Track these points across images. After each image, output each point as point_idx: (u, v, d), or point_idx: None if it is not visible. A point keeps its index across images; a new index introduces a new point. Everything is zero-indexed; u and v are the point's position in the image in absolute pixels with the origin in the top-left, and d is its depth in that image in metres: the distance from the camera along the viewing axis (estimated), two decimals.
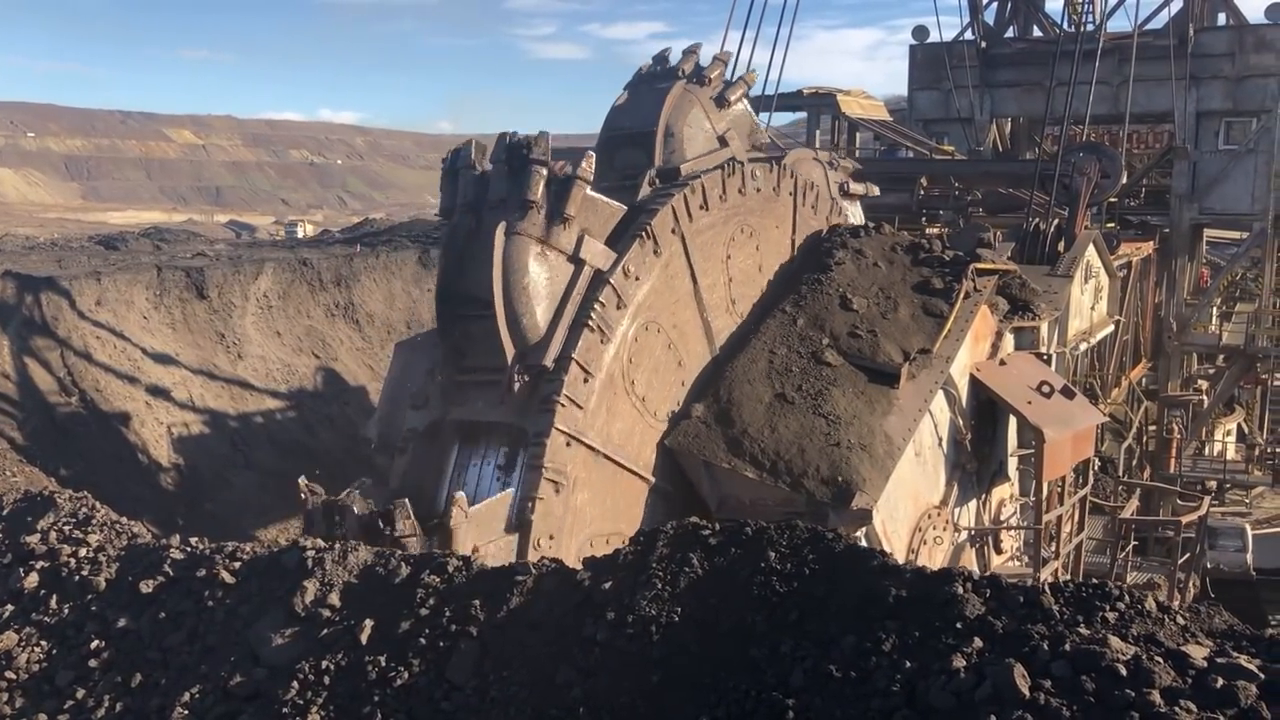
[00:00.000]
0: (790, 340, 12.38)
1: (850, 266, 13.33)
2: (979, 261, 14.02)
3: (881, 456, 11.49)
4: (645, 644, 6.89)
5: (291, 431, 31.76)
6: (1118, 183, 23.70)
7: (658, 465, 11.60)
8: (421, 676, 7.14)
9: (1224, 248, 33.45)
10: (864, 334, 12.54)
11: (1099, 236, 19.69)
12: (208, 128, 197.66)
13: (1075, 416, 14.18)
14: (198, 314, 32.26)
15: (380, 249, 44.28)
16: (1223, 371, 29.67)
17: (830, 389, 11.88)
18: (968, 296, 13.38)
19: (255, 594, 7.92)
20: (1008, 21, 31.23)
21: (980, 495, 14.04)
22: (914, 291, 13.31)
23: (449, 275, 10.76)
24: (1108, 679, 5.71)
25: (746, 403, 11.70)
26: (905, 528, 12.25)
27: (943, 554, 12.82)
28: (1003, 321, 14.31)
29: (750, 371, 12.03)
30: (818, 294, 12.91)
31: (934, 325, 12.88)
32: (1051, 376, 14.33)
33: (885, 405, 11.95)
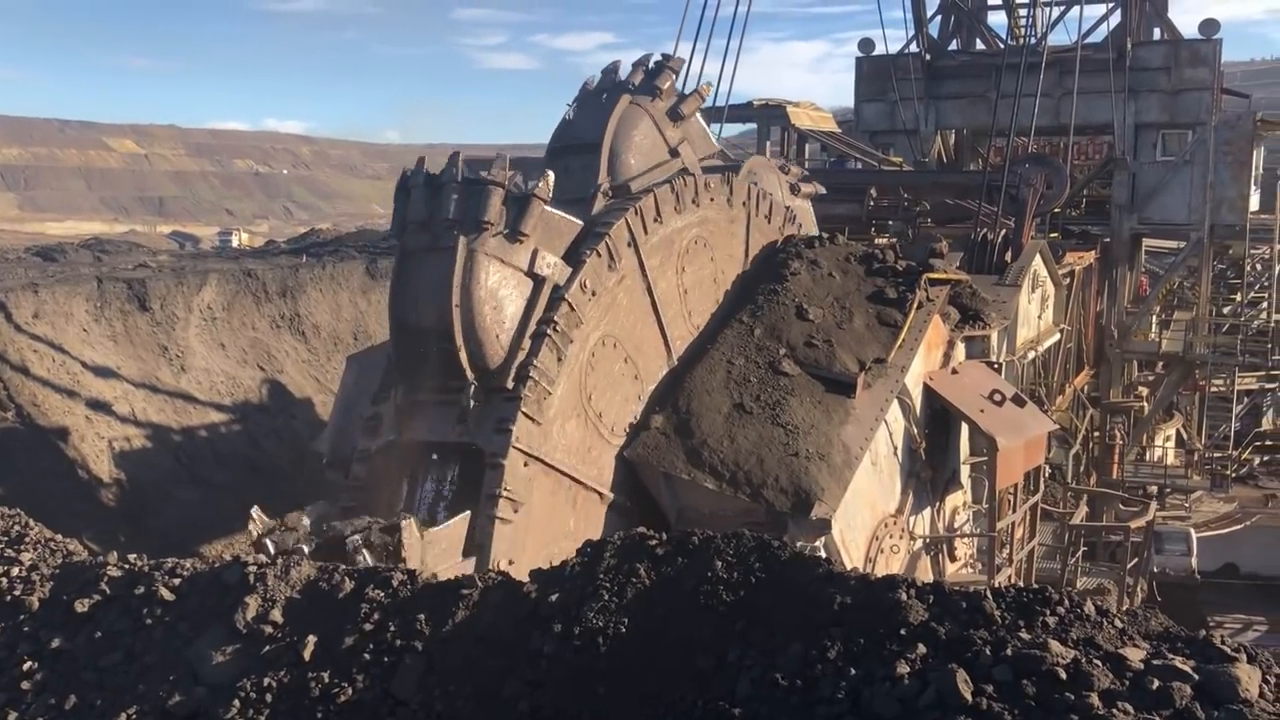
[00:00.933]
0: (748, 350, 12.44)
1: (806, 277, 13.43)
2: (932, 271, 14.20)
3: (839, 466, 11.58)
4: (592, 656, 6.87)
5: (236, 445, 31.30)
6: (1063, 193, 24.12)
7: (616, 479, 11.56)
8: (366, 692, 7.06)
9: (1162, 257, 34.14)
10: (820, 344, 12.62)
11: (1045, 247, 20.01)
12: (150, 137, 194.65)
13: (1026, 424, 14.38)
14: (140, 326, 31.71)
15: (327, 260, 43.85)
16: (1162, 378, 30.24)
17: (788, 399, 11.94)
18: (921, 306, 13.53)
19: (195, 611, 7.78)
20: (951, 34, 31.68)
21: (934, 503, 14.19)
22: (868, 301, 13.44)
23: (403, 296, 10.56)
24: (1048, 683, 5.79)
25: (705, 413, 11.73)
26: (863, 536, 12.34)
27: (899, 562, 12.92)
28: (954, 330, 14.48)
29: (709, 382, 12.06)
30: (774, 304, 12.98)
31: (888, 335, 13.03)
32: (1002, 385, 14.52)
33: (842, 415, 12.05)
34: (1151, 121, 27.74)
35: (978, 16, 31.82)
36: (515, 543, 10.34)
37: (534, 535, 10.59)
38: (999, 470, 13.91)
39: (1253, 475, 30.71)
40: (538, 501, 10.62)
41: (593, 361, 11.21)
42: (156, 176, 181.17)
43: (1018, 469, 14.61)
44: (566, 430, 10.94)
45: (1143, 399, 29.41)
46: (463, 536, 10.09)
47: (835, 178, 24.53)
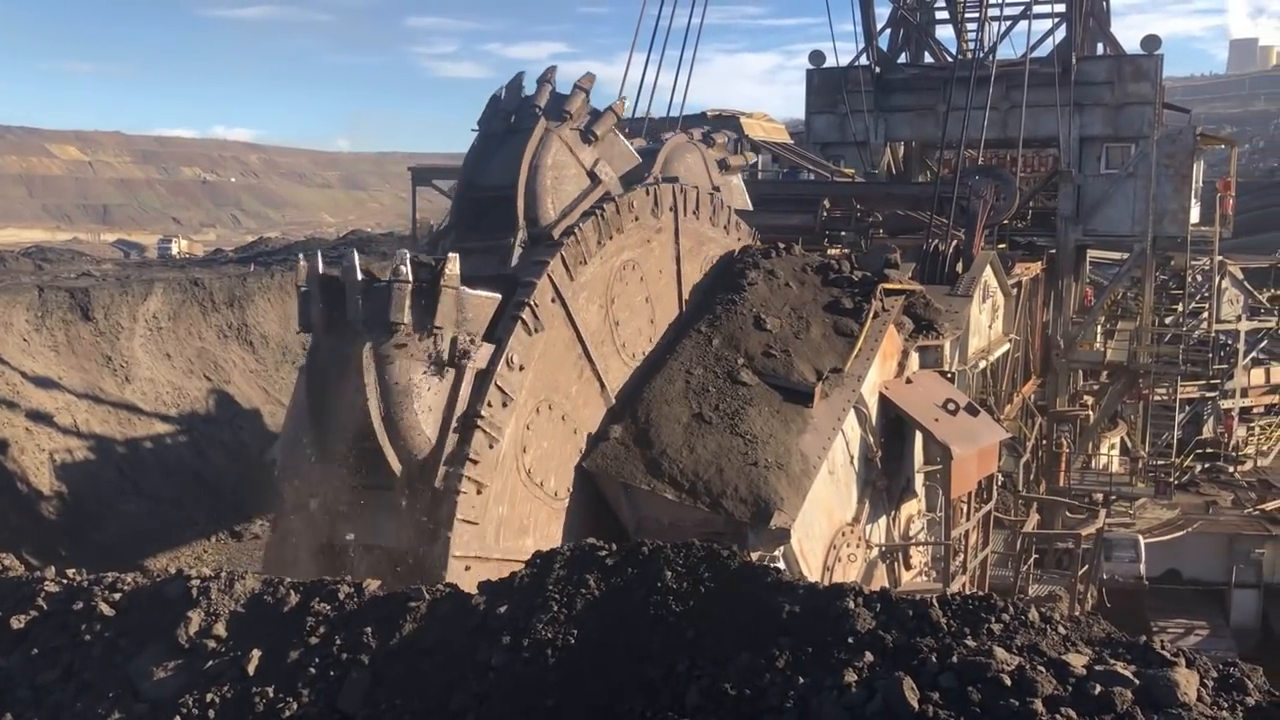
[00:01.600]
0: (706, 360, 12.41)
1: (763, 287, 13.44)
2: (887, 282, 14.26)
3: (798, 475, 11.58)
4: (541, 667, 6.83)
5: (183, 456, 30.82)
6: (1012, 205, 24.46)
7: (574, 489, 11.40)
8: (311, 707, 6.97)
9: (1105, 268, 34.73)
10: (778, 353, 12.62)
11: (995, 258, 20.28)
12: (94, 144, 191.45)
13: (980, 433, 14.54)
14: (83, 336, 31.15)
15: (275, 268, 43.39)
16: (1106, 387, 30.73)
17: (747, 408, 11.92)
18: (877, 316, 13.60)
19: (136, 626, 7.63)
20: (900, 48, 32.06)
21: (890, 511, 14.26)
22: (825, 311, 13.47)
23: (320, 405, 10.13)
24: (993, 689, 5.85)
25: (664, 423, 11.66)
26: (821, 545, 12.37)
27: (856, 570, 12.97)
28: (908, 340, 14.58)
29: (667, 392, 12.00)
30: (732, 314, 12.95)
31: (845, 344, 13.06)
32: (956, 394, 14.67)
33: (800, 424, 12.05)
34: (1096, 135, 28.24)
35: (926, 30, 32.22)
36: None
37: None
38: (954, 479, 14.03)
39: (1194, 482, 31.26)
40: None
41: (529, 434, 10.88)
42: (100, 184, 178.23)
43: (972, 477, 14.76)
44: (507, 514, 10.61)
45: (1088, 408, 29.88)
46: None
47: (788, 189, 24.67)
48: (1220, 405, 35.75)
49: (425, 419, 9.96)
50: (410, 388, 9.86)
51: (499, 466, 10.43)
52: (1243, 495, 30.21)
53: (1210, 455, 33.37)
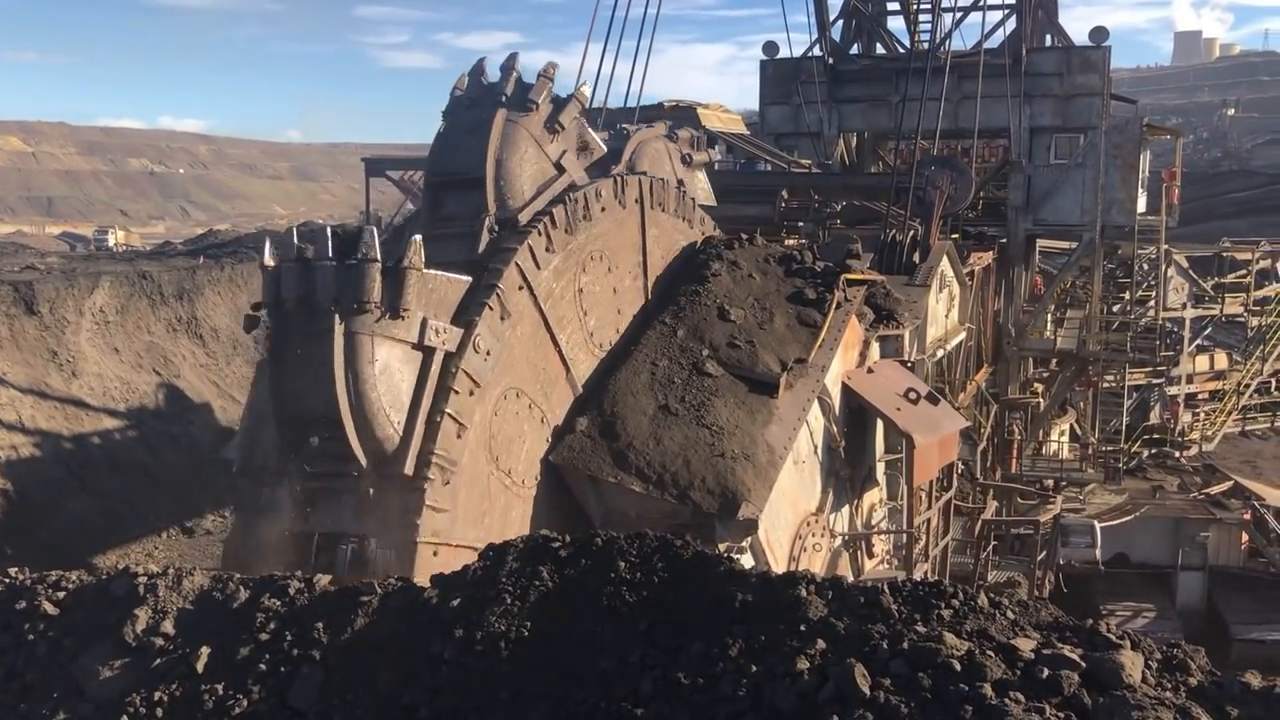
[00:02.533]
0: (671, 352, 12.40)
1: (726, 278, 13.45)
2: (849, 272, 14.33)
3: (764, 466, 11.60)
4: (495, 660, 6.81)
5: (133, 452, 30.35)
6: (968, 195, 24.66)
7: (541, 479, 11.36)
8: (262, 703, 6.90)
9: (1054, 257, 35.19)
10: (742, 344, 12.63)
11: (952, 248, 20.45)
12: (38, 135, 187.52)
13: (940, 422, 14.67)
14: (27, 331, 30.56)
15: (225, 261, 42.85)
16: (1056, 375, 31.17)
17: (712, 400, 11.93)
18: (839, 306, 13.66)
19: (81, 625, 7.52)
20: (852, 39, 32.20)
21: (853, 500, 14.36)
22: (788, 302, 13.51)
23: (285, 385, 9.86)
24: (943, 675, 5.91)
25: (630, 415, 11.63)
26: (786, 535, 12.42)
27: (821, 560, 13.03)
28: (869, 330, 14.67)
29: (633, 383, 11.98)
30: (696, 305, 12.96)
31: (809, 335, 13.11)
32: (917, 383, 14.78)
33: (766, 415, 12.08)
34: (1045, 125, 28.55)
35: (878, 22, 32.37)
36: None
37: None
38: (916, 467, 14.15)
39: (1141, 468, 31.84)
40: None
41: (497, 421, 10.81)
42: (44, 175, 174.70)
43: (934, 465, 14.91)
44: (475, 501, 10.54)
45: (1038, 395, 30.27)
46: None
47: (746, 180, 24.71)
48: (1166, 391, 36.43)
49: (393, 404, 9.84)
50: (378, 370, 9.71)
51: (466, 454, 10.35)
52: (1188, 480, 30.82)
53: (1157, 441, 34.00)
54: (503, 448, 10.93)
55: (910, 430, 13.88)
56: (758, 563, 11.49)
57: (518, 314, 11.05)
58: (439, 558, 9.86)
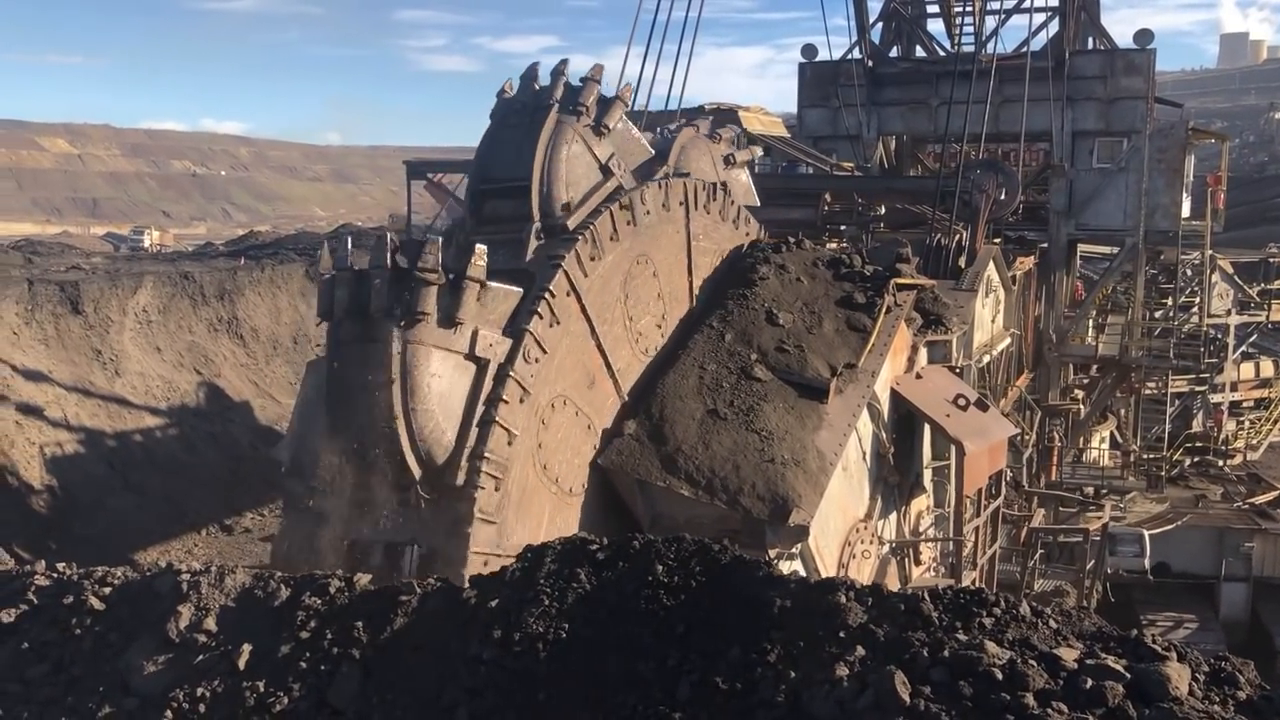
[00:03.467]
0: (719, 355, 12.29)
1: (774, 281, 13.33)
2: (899, 276, 14.16)
3: (815, 472, 11.45)
4: (532, 662, 6.82)
5: (173, 450, 30.74)
6: (1015, 199, 24.39)
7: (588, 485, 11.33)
8: (302, 701, 6.95)
9: (1095, 262, 34.80)
10: (791, 349, 12.50)
11: (998, 252, 20.25)
12: (84, 137, 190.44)
13: (990, 429, 14.50)
14: (72, 330, 31.05)
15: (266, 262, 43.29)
16: (1097, 381, 30.82)
17: (761, 404, 11.81)
18: (889, 311, 13.49)
19: (126, 621, 7.61)
20: (892, 41, 32.03)
21: (901, 507, 14.22)
22: (837, 306, 13.35)
23: (339, 390, 9.97)
24: (984, 683, 5.85)
25: (679, 419, 11.55)
26: (835, 542, 12.30)
27: (870, 567, 12.91)
28: (918, 335, 14.52)
29: (681, 387, 11.88)
30: (744, 309, 12.84)
31: (858, 340, 12.95)
32: (965, 389, 14.62)
33: (816, 420, 11.95)
34: (1088, 129, 28.23)
35: (918, 24, 32.18)
36: None
37: None
38: (966, 475, 14.00)
39: (1184, 476, 31.39)
40: None
41: (545, 430, 10.82)
42: (90, 177, 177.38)
43: (983, 473, 14.75)
44: (524, 511, 10.54)
45: (1078, 402, 29.94)
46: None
47: (788, 183, 24.59)
48: (1210, 399, 35.90)
49: (445, 414, 9.91)
50: (431, 380, 9.78)
51: (516, 463, 10.37)
52: (1232, 489, 30.33)
53: (1200, 449, 33.50)
54: (551, 455, 10.91)
55: (960, 437, 13.71)
56: (807, 569, 11.40)
57: (565, 321, 11.05)
58: (490, 568, 9.80)
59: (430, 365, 9.77)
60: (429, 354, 9.74)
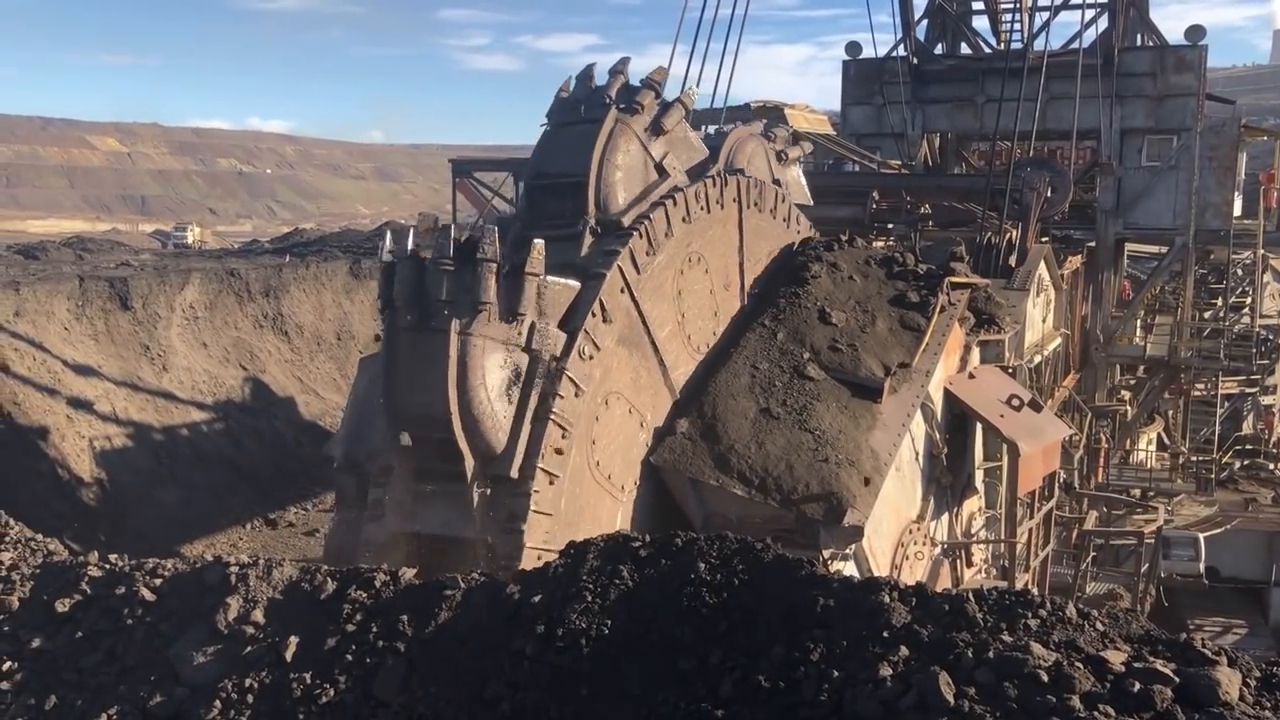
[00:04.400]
0: (771, 354, 12.22)
1: (826, 280, 13.24)
2: (953, 275, 14.04)
3: (869, 472, 11.37)
4: (575, 657, 6.86)
5: (218, 444, 31.17)
6: (1066, 197, 24.09)
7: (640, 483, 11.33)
8: (347, 693, 7.03)
9: (1142, 261, 34.31)
10: (844, 348, 12.42)
11: (1049, 251, 20.01)
12: (133, 135, 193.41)
13: (1044, 429, 14.32)
14: (121, 325, 31.57)
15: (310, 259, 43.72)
16: (1144, 382, 30.39)
17: (814, 404, 11.73)
18: (943, 310, 13.37)
19: (176, 611, 7.74)
20: (936, 38, 31.76)
21: (953, 509, 14.09)
22: (890, 305, 13.25)
23: (397, 379, 10.00)
24: (1030, 685, 5.80)
25: (731, 418, 11.49)
26: (889, 543, 12.21)
27: (923, 568, 12.81)
28: (970, 335, 14.37)
29: (733, 386, 11.82)
30: (796, 307, 12.76)
31: (912, 339, 12.83)
32: (1019, 389, 14.45)
33: (869, 420, 11.86)
34: (1137, 127, 27.84)
35: (963, 21, 31.90)
36: None
37: None
38: (1020, 476, 13.81)
39: (1233, 479, 30.87)
40: None
41: (599, 426, 10.84)
42: (139, 175, 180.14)
43: (1038, 474, 14.54)
44: (577, 508, 10.57)
45: (1125, 403, 29.55)
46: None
47: (836, 180, 24.45)
48: (1261, 401, 35.27)
49: (501, 407, 9.96)
50: (489, 374, 9.84)
51: (570, 458, 10.41)
52: None
53: (1250, 452, 32.92)
54: (604, 452, 10.92)
55: (1015, 438, 13.53)
56: (860, 570, 11.29)
57: (619, 317, 11.08)
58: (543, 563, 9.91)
59: (489, 357, 9.81)
60: (488, 345, 9.79)
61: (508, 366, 10.01)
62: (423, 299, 9.76)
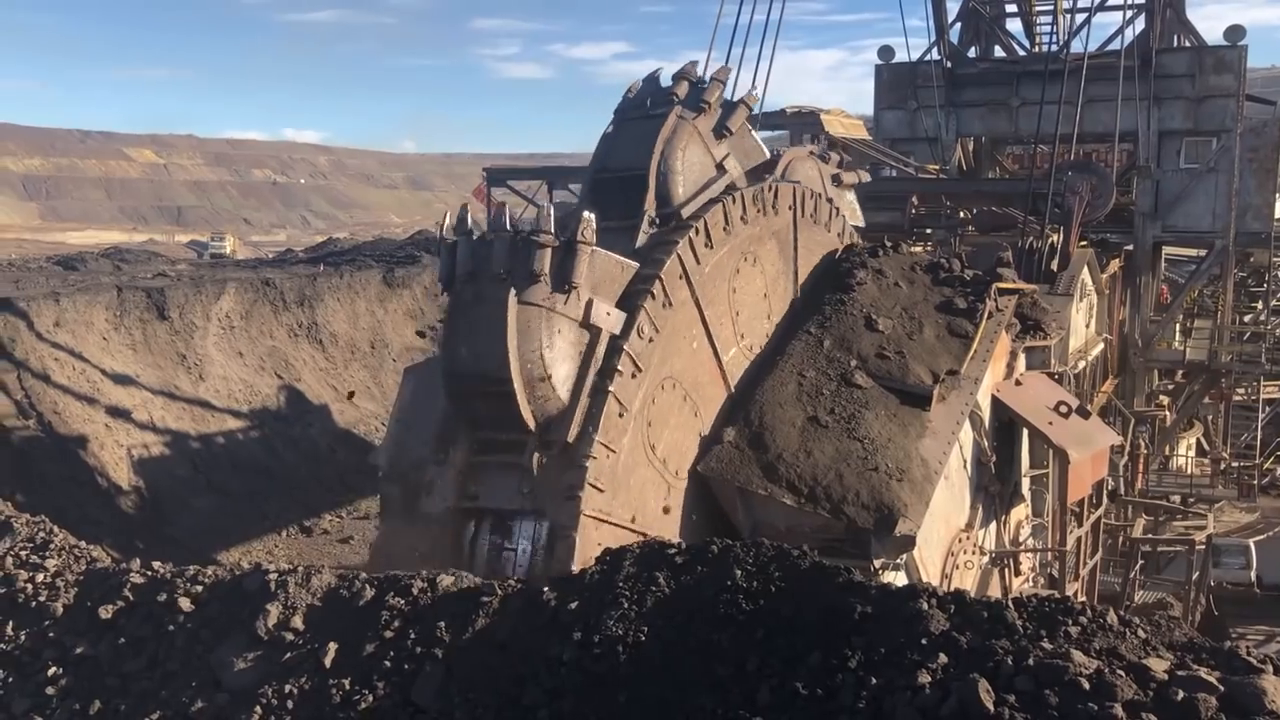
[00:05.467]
0: (818, 362, 12.10)
1: (872, 286, 13.12)
2: (1000, 281, 13.88)
3: (920, 481, 11.21)
4: (612, 664, 6.86)
5: (254, 453, 31.42)
6: (1109, 202, 23.81)
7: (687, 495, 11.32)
8: (386, 699, 7.07)
9: (1179, 265, 33.89)
10: (892, 355, 12.28)
11: (1093, 256, 19.76)
12: (169, 147, 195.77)
13: (1093, 437, 14.16)
14: (159, 335, 31.92)
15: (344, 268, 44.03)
16: (1182, 387, 30.01)
17: (863, 412, 11.59)
18: (991, 316, 13.21)
19: (217, 618, 7.81)
20: (969, 42, 31.56)
21: (1001, 517, 13.92)
22: (937, 311, 13.11)
23: (457, 349, 10.21)
24: (1071, 693, 5.74)
25: (779, 426, 11.37)
26: (939, 553, 12.07)
27: (972, 578, 12.67)
28: (1016, 341, 14.19)
29: (780, 394, 11.71)
30: (842, 314, 12.65)
31: (960, 346, 12.67)
32: (1066, 396, 14.27)
33: (919, 428, 11.70)
34: (1175, 129, 27.52)
35: (997, 23, 31.68)
36: None
37: None
38: (1070, 483, 13.65)
39: (1275, 485, 30.42)
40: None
41: (654, 409, 10.91)
42: (175, 186, 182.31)
43: (1087, 482, 14.37)
44: (632, 485, 10.63)
45: (1164, 408, 29.20)
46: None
47: (876, 186, 24.34)
48: None
49: (560, 376, 10.14)
50: (546, 341, 10.06)
51: (628, 435, 10.53)
52: None
53: None
54: (658, 435, 10.98)
55: (1064, 445, 13.36)
56: (911, 580, 11.13)
57: (678, 304, 11.20)
58: (600, 533, 10.03)
59: (544, 326, 10.03)
60: (543, 315, 10.00)
61: (565, 337, 10.22)
62: (482, 272, 10.08)
